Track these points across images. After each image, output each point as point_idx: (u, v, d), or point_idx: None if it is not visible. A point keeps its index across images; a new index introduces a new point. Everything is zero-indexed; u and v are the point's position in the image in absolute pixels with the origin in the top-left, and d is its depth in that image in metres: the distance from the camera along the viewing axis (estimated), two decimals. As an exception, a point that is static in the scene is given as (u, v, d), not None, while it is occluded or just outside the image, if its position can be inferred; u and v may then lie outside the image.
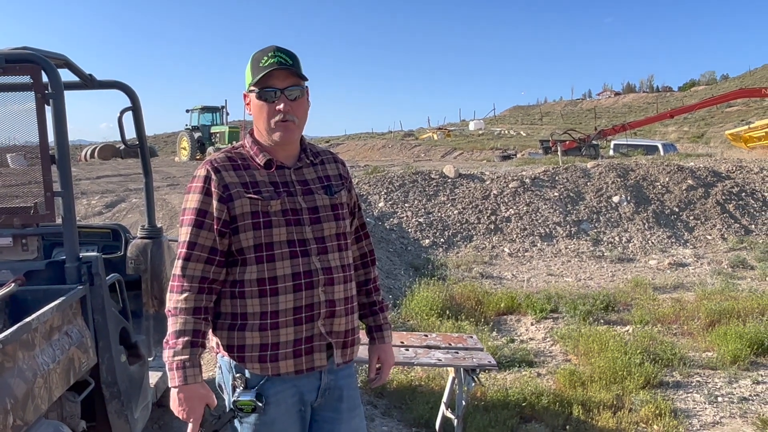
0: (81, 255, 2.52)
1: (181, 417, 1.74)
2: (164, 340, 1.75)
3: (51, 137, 2.46)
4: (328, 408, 1.91)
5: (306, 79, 1.82)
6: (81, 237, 3.38)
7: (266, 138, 1.83)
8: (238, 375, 1.80)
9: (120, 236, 3.81)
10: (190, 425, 1.75)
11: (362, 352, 3.02)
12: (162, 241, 3.77)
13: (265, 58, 1.76)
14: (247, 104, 1.84)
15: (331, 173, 1.93)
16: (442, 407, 3.64)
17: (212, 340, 1.87)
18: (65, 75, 2.95)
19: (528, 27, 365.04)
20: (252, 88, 1.79)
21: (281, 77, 1.76)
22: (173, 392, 1.73)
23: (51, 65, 2.42)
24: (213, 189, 1.76)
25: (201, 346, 1.75)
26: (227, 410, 1.82)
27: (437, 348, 3.60)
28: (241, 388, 1.79)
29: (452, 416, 3.47)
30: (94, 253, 2.62)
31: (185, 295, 1.74)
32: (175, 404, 1.74)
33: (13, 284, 2.36)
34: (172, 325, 1.74)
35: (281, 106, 1.76)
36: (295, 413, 1.85)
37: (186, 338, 1.71)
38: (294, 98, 1.78)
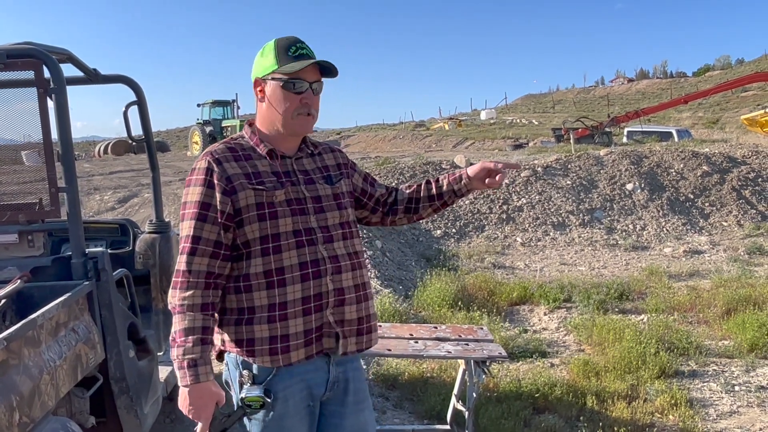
0: (87, 251, 2.51)
1: (190, 416, 1.72)
2: (171, 338, 1.72)
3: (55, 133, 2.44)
4: (335, 401, 1.89)
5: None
6: (89, 233, 3.37)
7: (281, 127, 1.81)
8: (245, 371, 1.78)
9: (128, 231, 3.81)
10: (199, 424, 1.72)
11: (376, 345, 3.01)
12: (170, 236, 3.76)
13: (294, 48, 1.75)
14: (260, 90, 1.81)
15: (329, 164, 1.95)
16: (453, 399, 3.61)
17: (218, 338, 1.84)
18: (70, 70, 2.94)
19: (539, 14, 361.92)
20: (278, 75, 1.76)
21: (310, 71, 1.77)
22: (183, 391, 1.70)
23: (52, 60, 2.40)
24: (215, 181, 1.73)
25: (210, 343, 1.73)
26: (236, 407, 1.80)
27: (447, 340, 3.56)
28: (249, 384, 1.77)
29: (463, 408, 3.44)
30: (100, 249, 2.60)
31: (191, 291, 1.71)
32: (185, 403, 1.71)
33: (19, 281, 2.35)
34: (180, 322, 1.70)
35: (309, 100, 1.78)
36: (304, 408, 1.82)
37: (195, 336, 1.69)
38: (317, 93, 1.81)
